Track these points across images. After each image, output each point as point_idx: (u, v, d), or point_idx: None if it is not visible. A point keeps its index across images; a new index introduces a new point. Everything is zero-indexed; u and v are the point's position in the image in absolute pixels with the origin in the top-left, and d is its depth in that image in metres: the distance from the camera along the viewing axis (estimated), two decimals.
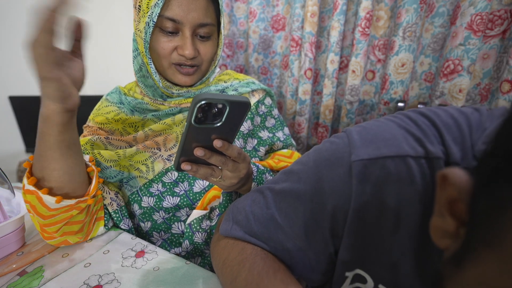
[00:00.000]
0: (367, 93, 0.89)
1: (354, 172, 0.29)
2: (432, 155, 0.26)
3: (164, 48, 0.54)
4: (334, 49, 0.84)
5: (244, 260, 0.34)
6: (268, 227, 0.37)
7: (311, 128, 1.03)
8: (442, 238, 0.21)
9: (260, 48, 1.02)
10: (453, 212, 0.20)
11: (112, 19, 1.63)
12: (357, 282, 0.33)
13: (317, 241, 0.33)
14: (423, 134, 0.28)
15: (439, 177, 0.20)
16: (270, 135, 0.70)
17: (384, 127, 0.30)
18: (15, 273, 0.46)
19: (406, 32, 0.74)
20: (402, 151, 0.27)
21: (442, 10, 0.74)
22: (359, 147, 0.29)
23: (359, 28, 0.79)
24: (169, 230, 0.61)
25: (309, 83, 0.92)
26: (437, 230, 0.22)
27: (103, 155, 0.55)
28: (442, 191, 0.21)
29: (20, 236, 0.52)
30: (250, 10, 0.97)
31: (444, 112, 0.29)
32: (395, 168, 0.27)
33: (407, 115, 0.31)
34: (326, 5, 0.87)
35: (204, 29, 0.54)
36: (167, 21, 0.51)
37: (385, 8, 0.78)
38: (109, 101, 0.62)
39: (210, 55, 0.58)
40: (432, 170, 0.26)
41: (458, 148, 0.26)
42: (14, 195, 0.56)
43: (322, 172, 0.32)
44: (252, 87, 0.68)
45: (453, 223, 0.20)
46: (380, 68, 0.85)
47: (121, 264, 0.49)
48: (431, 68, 0.80)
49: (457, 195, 0.19)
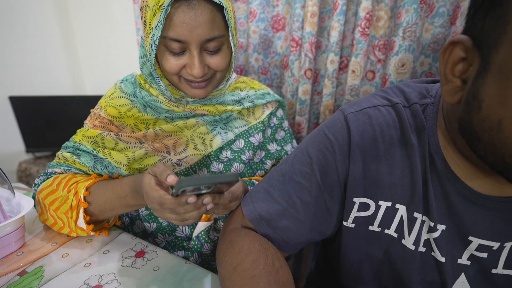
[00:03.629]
0: (367, 93, 0.89)
1: (349, 119, 0.42)
2: (393, 103, 0.42)
3: (172, 68, 0.52)
4: (334, 49, 0.84)
5: (255, 276, 0.37)
6: (287, 189, 0.45)
7: (311, 128, 1.03)
8: (454, 95, 0.32)
9: (260, 48, 1.02)
10: (455, 74, 0.31)
11: (112, 19, 1.63)
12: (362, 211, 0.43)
13: (330, 182, 0.43)
14: (386, 94, 0.44)
15: (448, 44, 0.31)
16: (278, 148, 0.69)
17: (362, 98, 0.45)
18: (15, 273, 0.46)
19: (406, 32, 0.74)
20: (374, 103, 0.43)
21: (442, 10, 0.74)
22: (348, 108, 0.44)
23: (359, 28, 0.79)
24: (173, 233, 0.61)
25: (309, 83, 0.92)
26: (448, 94, 0.32)
27: (113, 157, 0.55)
28: (448, 58, 0.31)
29: (20, 236, 0.52)
30: (250, 10, 0.97)
31: (405, 82, 0.46)
32: (373, 112, 0.42)
33: (380, 89, 0.47)
34: (326, 5, 0.87)
35: (212, 43, 0.51)
36: (171, 42, 0.49)
37: (385, 8, 0.78)
38: (123, 91, 0.59)
39: (223, 65, 0.55)
40: (395, 111, 0.41)
41: (415, 94, 0.42)
42: (14, 195, 0.56)
43: (325, 131, 0.44)
44: (267, 99, 0.67)
45: (458, 80, 0.31)
46: (380, 68, 0.85)
47: (121, 264, 0.49)
48: (431, 68, 0.80)
49: (463, 52, 0.30)
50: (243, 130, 0.64)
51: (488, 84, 0.27)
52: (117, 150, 0.56)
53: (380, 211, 0.42)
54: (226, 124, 0.63)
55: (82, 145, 0.56)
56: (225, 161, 0.61)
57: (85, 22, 1.75)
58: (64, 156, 0.57)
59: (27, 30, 1.62)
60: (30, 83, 1.69)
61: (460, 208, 0.37)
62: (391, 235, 0.42)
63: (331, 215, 0.45)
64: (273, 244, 0.45)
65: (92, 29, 1.74)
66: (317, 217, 0.44)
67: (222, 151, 0.62)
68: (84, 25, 1.77)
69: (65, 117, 1.70)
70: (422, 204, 0.39)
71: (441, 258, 0.39)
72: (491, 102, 0.27)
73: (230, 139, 0.62)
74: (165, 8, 0.45)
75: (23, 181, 1.68)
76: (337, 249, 0.48)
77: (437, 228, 0.38)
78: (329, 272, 0.57)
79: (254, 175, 0.65)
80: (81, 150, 0.56)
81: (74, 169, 0.56)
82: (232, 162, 0.62)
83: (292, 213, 0.44)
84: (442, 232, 0.38)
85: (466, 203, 0.37)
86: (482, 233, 0.37)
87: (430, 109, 0.39)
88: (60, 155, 0.58)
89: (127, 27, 1.56)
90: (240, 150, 0.63)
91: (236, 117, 0.64)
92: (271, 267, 0.38)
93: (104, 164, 0.56)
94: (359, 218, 0.43)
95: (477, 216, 0.37)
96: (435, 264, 0.40)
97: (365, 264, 0.46)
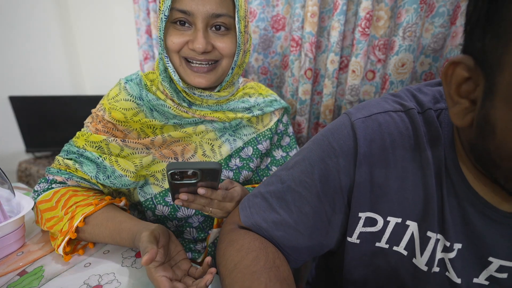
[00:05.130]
0: (367, 93, 0.89)
1: (356, 127, 0.37)
2: (407, 108, 0.37)
3: (173, 42, 0.51)
4: (334, 49, 0.84)
5: (256, 272, 0.36)
6: (285, 198, 0.42)
7: (311, 128, 1.03)
8: (463, 118, 0.29)
9: (260, 48, 1.02)
10: (462, 95, 0.28)
11: (112, 19, 1.63)
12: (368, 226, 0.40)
13: (332, 194, 0.39)
14: (399, 98, 0.40)
15: (449, 65, 0.28)
16: (283, 154, 0.69)
17: (371, 101, 0.41)
18: (15, 273, 0.46)
19: (406, 32, 0.74)
20: (385, 108, 0.38)
21: (442, 10, 0.74)
22: (356, 113, 0.39)
23: (359, 28, 0.79)
24: (181, 235, 0.61)
25: (309, 83, 0.92)
26: (457, 117, 0.29)
27: (120, 164, 0.53)
28: (450, 78, 0.29)
29: (20, 236, 0.52)
30: (250, 10, 0.97)
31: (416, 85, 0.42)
32: (384, 119, 0.37)
33: (390, 93, 0.43)
34: (326, 5, 0.87)
35: (219, 19, 0.50)
36: (178, 13, 0.49)
37: (385, 8, 0.78)
38: (129, 93, 0.55)
39: (230, 50, 0.52)
40: (409, 117, 0.37)
41: (428, 99, 0.38)
42: (14, 195, 0.56)
43: (329, 138, 0.40)
44: (275, 106, 0.67)
45: (465, 101, 0.28)
46: (380, 68, 0.85)
47: (121, 264, 0.49)
48: (431, 68, 0.80)
49: (467, 72, 0.27)
50: (251, 138, 0.64)
51: (498, 107, 0.25)
52: (122, 156, 0.54)
53: (389, 227, 0.38)
54: (235, 132, 0.63)
55: (86, 152, 0.53)
56: (234, 169, 0.61)
57: (85, 22, 1.75)
58: (66, 163, 0.54)
59: (27, 30, 1.62)
60: (30, 83, 1.69)
61: (480, 226, 0.34)
62: (401, 252, 0.39)
63: (333, 227, 0.41)
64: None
65: (92, 29, 1.74)
66: (317, 229, 0.41)
67: (231, 159, 0.61)
68: (84, 25, 1.77)
69: (65, 117, 1.70)
70: (437, 222, 0.36)
71: (457, 280, 0.36)
72: (505, 127, 0.25)
73: (238, 146, 0.62)
74: None
75: (23, 181, 1.68)
76: (340, 263, 0.45)
77: (453, 248, 0.35)
78: (330, 279, 0.56)
79: (260, 181, 0.65)
80: (85, 157, 0.53)
81: (76, 178, 0.54)
82: (241, 170, 0.61)
83: (289, 223, 0.41)
84: (458, 251, 0.35)
85: (487, 221, 0.34)
86: (503, 254, 0.34)
87: (446, 115, 0.36)
88: (61, 160, 0.54)
89: (127, 27, 1.56)
90: (249, 158, 0.62)
91: (245, 125, 0.64)
92: (271, 263, 0.37)
93: (107, 174, 0.53)
94: (365, 234, 0.40)
95: (498, 236, 0.34)
96: (449, 285, 0.37)
97: (371, 281, 0.43)
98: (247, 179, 0.63)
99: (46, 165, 1.67)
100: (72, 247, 0.51)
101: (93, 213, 0.49)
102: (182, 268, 0.44)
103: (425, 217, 0.36)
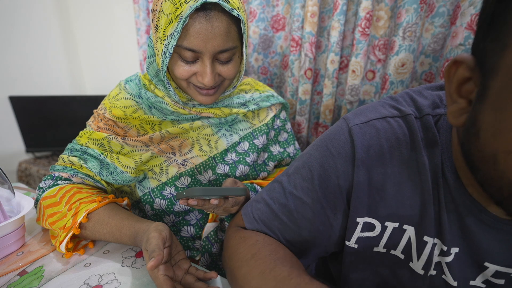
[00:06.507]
0: (367, 93, 0.89)
1: (353, 133, 0.38)
2: (404, 113, 0.37)
3: (182, 74, 0.52)
4: (334, 49, 0.84)
5: (279, 259, 0.38)
6: (287, 205, 0.42)
7: (311, 128, 1.03)
8: (459, 117, 0.29)
9: (260, 48, 1.02)
10: (462, 95, 0.28)
11: (112, 19, 1.63)
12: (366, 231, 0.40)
13: (332, 199, 0.40)
14: (396, 102, 0.39)
15: (452, 63, 0.28)
16: (281, 150, 0.70)
17: (368, 106, 0.41)
18: (15, 273, 0.46)
19: (406, 32, 0.74)
20: (382, 114, 0.38)
21: (442, 10, 0.74)
22: (353, 118, 0.40)
23: (359, 28, 0.79)
24: (179, 233, 0.61)
25: (309, 83, 0.92)
26: (452, 115, 0.29)
27: (121, 161, 0.55)
28: (453, 77, 0.28)
29: (20, 236, 0.52)
30: (250, 10, 0.97)
31: (417, 88, 0.42)
32: (381, 125, 0.38)
33: (389, 96, 0.42)
34: (326, 5, 0.87)
35: (225, 54, 0.51)
36: (185, 51, 0.49)
37: (385, 8, 0.78)
38: (128, 91, 0.58)
39: (233, 74, 0.55)
40: (406, 123, 0.37)
41: (427, 103, 0.37)
42: (14, 195, 0.56)
43: (327, 143, 0.41)
44: (271, 101, 0.68)
45: (463, 101, 0.28)
46: (380, 68, 0.85)
47: (121, 264, 0.49)
48: (431, 68, 0.80)
49: (468, 72, 0.27)
50: (247, 133, 0.65)
51: (486, 111, 0.25)
52: (123, 154, 0.56)
53: (387, 232, 0.39)
54: (231, 126, 0.64)
55: (89, 149, 0.56)
56: (230, 163, 0.62)
57: (85, 22, 1.75)
58: (70, 160, 0.56)
59: (27, 30, 1.62)
60: (30, 83, 1.69)
61: (476, 232, 0.34)
62: (398, 256, 0.40)
63: (335, 231, 0.42)
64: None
65: (92, 29, 1.74)
66: (320, 233, 0.42)
67: (227, 153, 0.62)
68: (84, 25, 1.77)
69: (65, 117, 1.70)
70: (434, 226, 0.36)
71: (453, 282, 0.36)
72: (487, 131, 0.25)
73: (235, 141, 0.63)
74: (183, 19, 0.45)
75: (23, 181, 1.68)
76: (339, 264, 0.46)
77: (450, 252, 0.36)
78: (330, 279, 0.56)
79: (258, 176, 0.66)
80: (88, 154, 0.56)
81: (80, 174, 0.55)
82: (237, 164, 0.62)
83: (293, 229, 0.42)
84: (455, 255, 0.36)
85: (482, 227, 0.34)
86: (499, 260, 0.34)
87: (444, 121, 0.36)
88: (66, 158, 0.57)
89: (127, 27, 1.56)
90: (245, 152, 0.63)
91: (241, 120, 0.65)
92: (291, 255, 0.39)
93: (109, 170, 0.55)
94: (363, 239, 0.40)
95: (494, 241, 0.34)
96: (445, 287, 0.37)
97: (368, 283, 0.44)
98: (244, 174, 0.63)
99: (46, 165, 1.67)
100: (74, 244, 0.52)
101: (96, 209, 0.50)
102: (182, 267, 0.45)
103: (422, 222, 0.36)
